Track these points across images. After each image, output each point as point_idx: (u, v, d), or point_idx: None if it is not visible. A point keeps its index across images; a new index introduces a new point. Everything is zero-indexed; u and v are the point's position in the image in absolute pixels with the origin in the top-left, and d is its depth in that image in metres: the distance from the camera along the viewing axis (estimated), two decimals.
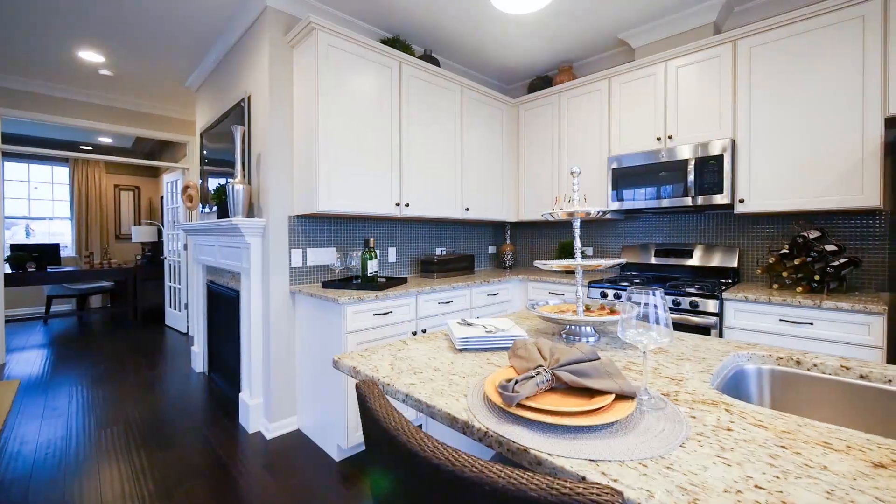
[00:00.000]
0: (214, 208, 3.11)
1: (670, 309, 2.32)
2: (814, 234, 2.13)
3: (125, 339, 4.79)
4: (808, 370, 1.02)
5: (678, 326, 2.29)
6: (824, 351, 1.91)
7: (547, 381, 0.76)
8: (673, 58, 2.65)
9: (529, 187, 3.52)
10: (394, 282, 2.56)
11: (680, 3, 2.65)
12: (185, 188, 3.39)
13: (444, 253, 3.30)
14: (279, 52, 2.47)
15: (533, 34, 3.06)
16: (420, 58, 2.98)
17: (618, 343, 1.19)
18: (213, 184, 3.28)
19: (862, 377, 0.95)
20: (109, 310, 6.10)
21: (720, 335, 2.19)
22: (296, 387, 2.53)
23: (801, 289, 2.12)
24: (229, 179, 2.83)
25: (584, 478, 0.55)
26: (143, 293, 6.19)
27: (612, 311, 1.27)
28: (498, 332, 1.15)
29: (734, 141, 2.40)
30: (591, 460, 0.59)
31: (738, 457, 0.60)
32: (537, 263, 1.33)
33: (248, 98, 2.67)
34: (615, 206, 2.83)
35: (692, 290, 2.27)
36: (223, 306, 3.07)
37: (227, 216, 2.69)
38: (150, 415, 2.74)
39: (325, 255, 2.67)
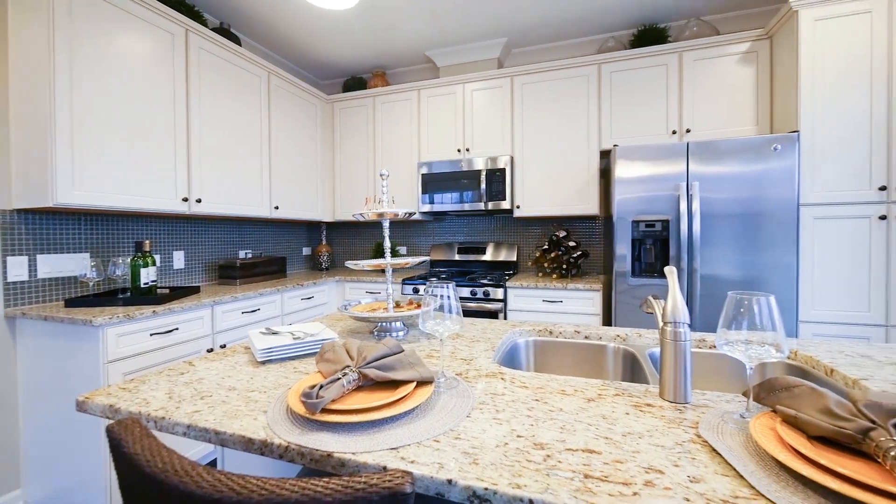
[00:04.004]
0: None
1: (470, 298, 2.68)
2: (562, 234, 2.82)
3: None
4: (556, 337, 1.33)
5: (477, 313, 2.67)
6: (572, 321, 2.54)
7: (354, 380, 0.77)
8: (469, 81, 3.06)
9: (346, 187, 3.48)
10: (181, 292, 2.13)
11: (469, 36, 3.07)
12: None
13: (251, 256, 2.94)
14: None
15: (345, 34, 3.03)
16: (214, 30, 2.56)
17: (424, 334, 1.30)
18: None
19: (586, 338, 1.31)
20: None
21: (505, 317, 2.66)
22: (20, 449, 1.82)
23: (555, 276, 2.78)
24: None
25: (385, 467, 0.58)
26: None
27: (419, 306, 1.38)
28: (307, 338, 1.10)
29: (513, 157, 2.94)
30: (391, 449, 0.62)
31: (507, 415, 0.73)
32: (348, 264, 1.33)
33: None
34: (426, 208, 3.08)
35: (485, 282, 2.68)
36: None
37: None
38: None
39: (70, 263, 2.00)
